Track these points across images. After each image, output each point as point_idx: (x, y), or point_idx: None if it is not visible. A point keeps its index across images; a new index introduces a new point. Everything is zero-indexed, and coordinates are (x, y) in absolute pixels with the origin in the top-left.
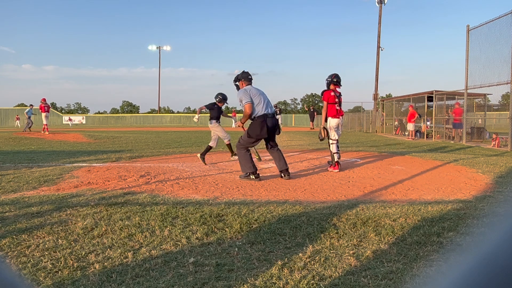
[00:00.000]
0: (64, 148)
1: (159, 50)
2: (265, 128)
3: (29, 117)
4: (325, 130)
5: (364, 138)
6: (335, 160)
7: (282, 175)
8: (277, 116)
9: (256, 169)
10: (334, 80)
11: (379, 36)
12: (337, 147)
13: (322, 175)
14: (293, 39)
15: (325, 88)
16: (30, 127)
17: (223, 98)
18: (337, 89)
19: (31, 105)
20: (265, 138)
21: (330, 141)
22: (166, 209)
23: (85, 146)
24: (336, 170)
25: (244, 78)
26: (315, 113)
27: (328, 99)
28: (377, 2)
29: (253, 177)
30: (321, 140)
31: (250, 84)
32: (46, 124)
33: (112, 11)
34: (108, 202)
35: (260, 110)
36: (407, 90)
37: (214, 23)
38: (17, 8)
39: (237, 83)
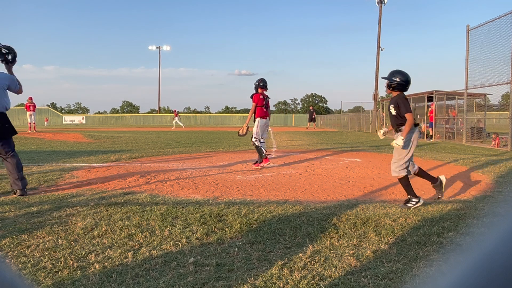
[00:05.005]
0: (64, 148)
1: (159, 50)
2: None
3: None
4: (247, 128)
5: (364, 138)
6: (264, 154)
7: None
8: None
9: (26, 184)
10: (261, 84)
11: (379, 36)
12: (260, 142)
13: (322, 175)
14: (293, 39)
15: (254, 92)
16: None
17: None
18: (265, 92)
19: None
20: None
21: (254, 139)
22: (166, 209)
23: (85, 146)
24: (267, 163)
25: None
26: (314, 113)
27: (258, 101)
28: (377, 2)
29: (19, 194)
30: (240, 136)
31: None
32: (31, 123)
33: (112, 11)
34: (108, 202)
35: None
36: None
37: (214, 23)
38: (17, 8)
39: None
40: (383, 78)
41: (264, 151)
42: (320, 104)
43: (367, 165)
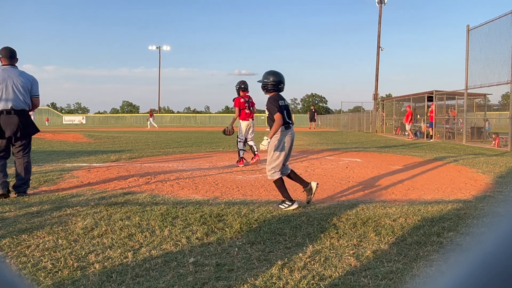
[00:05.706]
0: (64, 148)
1: (159, 50)
2: None
3: None
4: (232, 129)
5: (364, 138)
6: (240, 156)
7: (13, 189)
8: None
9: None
10: (242, 87)
11: (379, 36)
12: (243, 145)
13: (322, 175)
14: (293, 38)
15: (236, 95)
16: None
17: None
18: (246, 94)
19: None
20: (7, 139)
21: (238, 139)
22: (166, 209)
23: (85, 146)
24: (242, 165)
25: (4, 55)
26: (316, 113)
27: (239, 105)
28: (377, 2)
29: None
30: (226, 135)
31: (11, 64)
32: None
33: (112, 11)
34: (108, 202)
35: None
36: (407, 90)
37: (214, 22)
38: (17, 8)
39: None
40: (258, 81)
41: (242, 154)
42: (320, 104)
43: (367, 165)
